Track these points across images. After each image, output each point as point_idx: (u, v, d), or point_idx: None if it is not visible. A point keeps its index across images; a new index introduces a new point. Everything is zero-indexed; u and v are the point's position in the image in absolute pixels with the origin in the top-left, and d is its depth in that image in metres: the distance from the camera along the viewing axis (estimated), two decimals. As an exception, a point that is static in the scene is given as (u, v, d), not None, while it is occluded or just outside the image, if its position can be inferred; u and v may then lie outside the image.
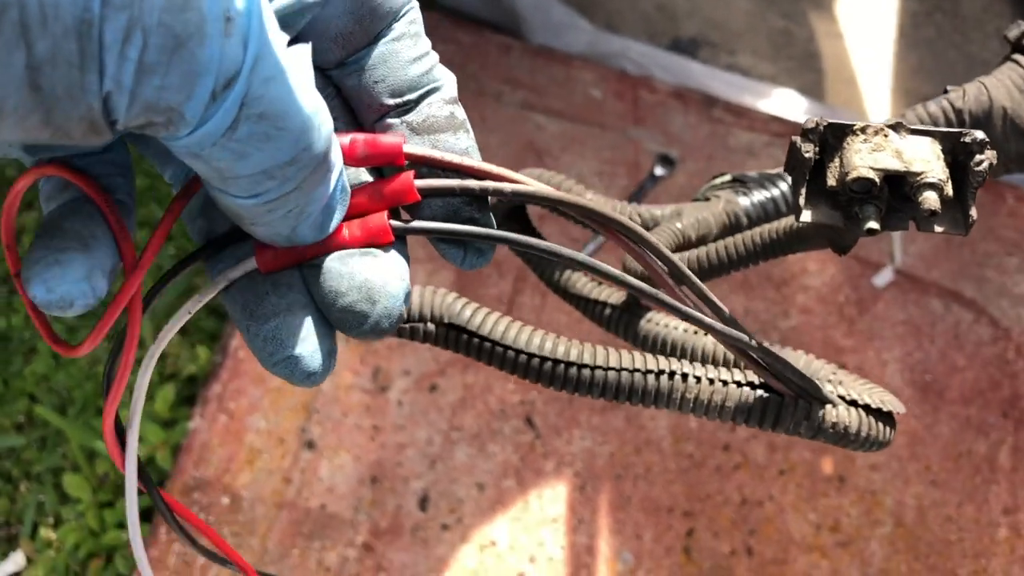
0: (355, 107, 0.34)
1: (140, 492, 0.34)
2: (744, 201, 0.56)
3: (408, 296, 0.31)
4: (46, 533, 1.31)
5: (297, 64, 0.25)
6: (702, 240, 0.54)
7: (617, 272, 0.33)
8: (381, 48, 0.32)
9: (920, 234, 1.60)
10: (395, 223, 0.31)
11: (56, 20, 0.21)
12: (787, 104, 1.76)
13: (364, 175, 0.33)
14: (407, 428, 1.35)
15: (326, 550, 1.26)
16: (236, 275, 0.31)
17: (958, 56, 1.92)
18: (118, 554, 1.28)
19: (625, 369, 0.39)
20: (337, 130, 0.32)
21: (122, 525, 1.30)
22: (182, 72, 0.23)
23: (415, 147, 0.31)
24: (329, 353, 0.31)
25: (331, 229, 0.30)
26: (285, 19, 0.30)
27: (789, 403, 0.39)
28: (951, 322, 1.51)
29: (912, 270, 1.55)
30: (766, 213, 0.56)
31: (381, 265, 0.31)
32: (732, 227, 0.56)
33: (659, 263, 0.34)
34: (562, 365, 0.39)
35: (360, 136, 0.31)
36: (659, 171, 1.63)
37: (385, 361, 1.39)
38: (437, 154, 0.31)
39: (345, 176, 0.30)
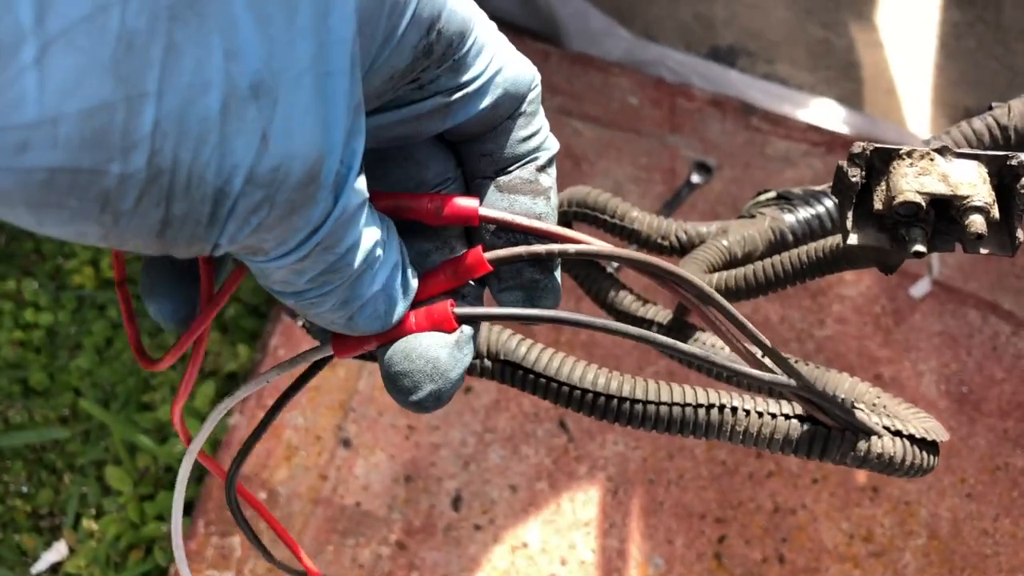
0: (462, 159, 0.35)
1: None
2: (789, 218, 0.57)
3: (460, 382, 0.33)
4: (88, 524, 1.34)
5: (359, 198, 0.27)
6: (748, 257, 0.55)
7: (693, 348, 0.34)
8: (498, 127, 0.33)
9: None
10: (459, 310, 0.32)
11: (198, 189, 0.22)
12: (825, 113, 1.75)
13: (456, 244, 0.35)
14: (441, 428, 1.36)
15: (360, 547, 1.28)
16: (314, 358, 0.33)
17: (999, 67, 1.91)
18: (157, 546, 1.30)
19: (676, 404, 0.40)
20: (445, 189, 0.34)
21: (161, 517, 1.33)
22: (286, 229, 0.25)
23: (489, 210, 0.33)
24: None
25: (394, 321, 0.31)
26: (422, 127, 0.31)
27: (835, 435, 0.40)
28: (989, 334, 1.50)
29: (949, 281, 1.54)
30: (811, 230, 0.57)
31: (453, 351, 0.32)
32: (778, 244, 0.56)
33: (718, 313, 0.35)
34: (615, 400, 0.40)
35: (439, 198, 0.33)
36: (696, 178, 1.63)
37: (421, 362, 1.41)
38: (509, 217, 0.33)
39: (409, 270, 0.31)
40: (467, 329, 0.33)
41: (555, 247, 0.32)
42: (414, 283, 0.32)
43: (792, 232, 0.57)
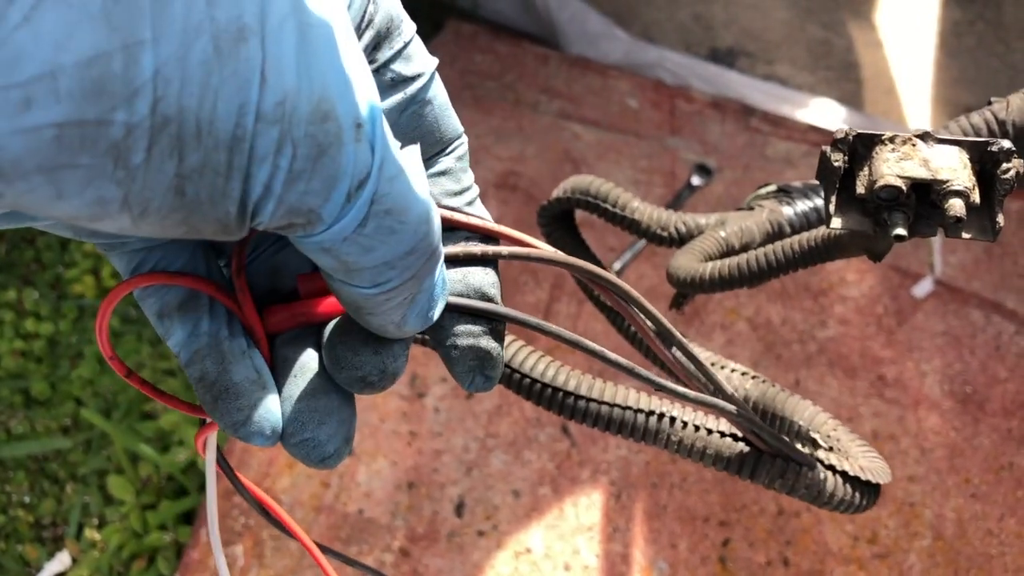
0: None
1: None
2: (787, 211, 0.57)
3: (405, 354, 0.33)
4: (91, 534, 1.34)
5: (412, 163, 0.27)
6: (745, 248, 0.55)
7: (616, 357, 0.34)
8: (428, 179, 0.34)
9: (961, 245, 1.58)
10: None
11: (210, 135, 0.22)
12: (825, 114, 1.75)
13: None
14: (444, 435, 1.36)
15: (363, 555, 1.27)
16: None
17: (1000, 66, 1.91)
18: (160, 555, 1.30)
19: (618, 405, 0.41)
20: None
21: (164, 526, 1.33)
22: (324, 177, 0.25)
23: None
24: (346, 439, 0.32)
25: (435, 317, 0.31)
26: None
27: (766, 459, 0.41)
28: (992, 333, 1.49)
29: (952, 281, 1.54)
30: (809, 222, 0.57)
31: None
32: (775, 236, 0.57)
33: (649, 324, 0.35)
34: (561, 393, 0.41)
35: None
36: (696, 180, 1.63)
37: (422, 368, 1.41)
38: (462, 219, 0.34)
39: (444, 268, 0.32)
40: None
41: (490, 249, 0.33)
42: (447, 282, 0.32)
43: (790, 224, 0.57)
